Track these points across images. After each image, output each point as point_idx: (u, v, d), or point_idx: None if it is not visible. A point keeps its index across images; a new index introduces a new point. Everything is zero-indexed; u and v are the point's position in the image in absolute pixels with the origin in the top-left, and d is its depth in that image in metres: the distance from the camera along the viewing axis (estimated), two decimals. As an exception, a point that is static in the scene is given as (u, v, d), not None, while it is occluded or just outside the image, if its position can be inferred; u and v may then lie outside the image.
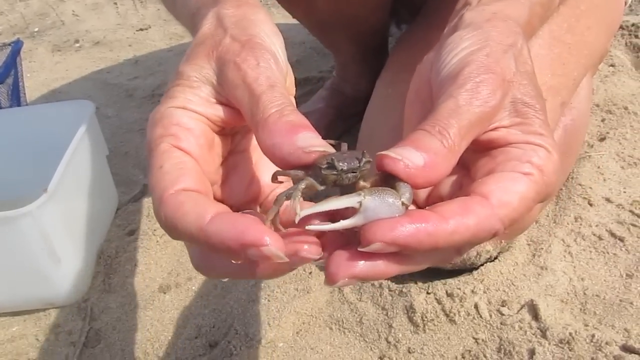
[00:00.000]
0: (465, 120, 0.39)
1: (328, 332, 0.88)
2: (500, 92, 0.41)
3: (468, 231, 0.35)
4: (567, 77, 0.88)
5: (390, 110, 0.92)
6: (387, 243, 0.34)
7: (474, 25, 0.45)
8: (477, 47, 0.43)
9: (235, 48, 0.44)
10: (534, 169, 0.39)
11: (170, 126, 0.41)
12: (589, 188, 1.05)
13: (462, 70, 0.41)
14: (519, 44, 0.44)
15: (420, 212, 0.36)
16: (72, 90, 1.78)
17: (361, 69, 1.24)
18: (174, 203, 0.37)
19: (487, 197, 0.37)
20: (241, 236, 0.34)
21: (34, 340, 0.97)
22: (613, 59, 1.41)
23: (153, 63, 1.86)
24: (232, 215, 0.36)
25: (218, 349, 0.88)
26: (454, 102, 0.39)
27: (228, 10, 0.48)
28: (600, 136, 1.18)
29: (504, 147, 0.41)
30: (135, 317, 0.97)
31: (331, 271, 0.35)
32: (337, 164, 0.37)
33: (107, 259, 1.08)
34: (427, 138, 0.37)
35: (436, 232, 0.34)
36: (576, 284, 0.89)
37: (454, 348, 0.83)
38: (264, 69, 0.42)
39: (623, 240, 0.95)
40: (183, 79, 0.45)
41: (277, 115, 0.39)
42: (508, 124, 0.42)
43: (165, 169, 0.39)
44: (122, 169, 1.34)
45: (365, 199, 0.35)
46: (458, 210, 0.35)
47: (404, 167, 0.36)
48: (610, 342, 0.79)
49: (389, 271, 0.36)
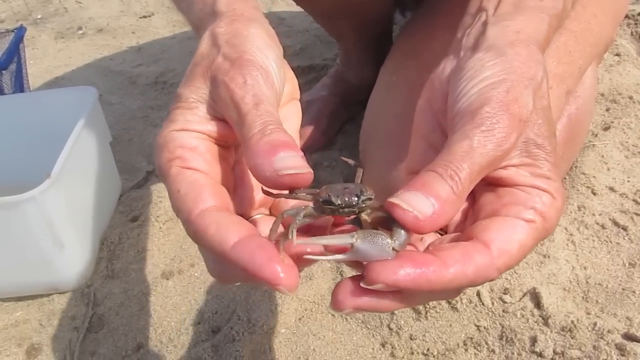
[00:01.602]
0: (477, 165, 0.39)
1: (330, 319, 0.89)
2: (515, 135, 0.41)
3: (466, 279, 0.37)
4: (573, 65, 0.87)
5: (394, 98, 0.92)
6: (389, 285, 0.35)
7: (497, 49, 0.45)
8: (498, 79, 0.43)
9: (225, 67, 0.45)
10: (536, 215, 0.40)
11: (175, 149, 0.43)
12: (593, 177, 1.04)
13: (480, 107, 0.41)
14: (540, 76, 0.44)
15: (423, 256, 0.37)
16: (75, 77, 1.78)
17: (365, 57, 1.23)
18: (202, 226, 0.39)
19: (488, 245, 0.38)
20: (259, 270, 0.36)
21: (38, 325, 0.97)
22: (618, 48, 1.40)
23: (156, 50, 1.86)
24: (252, 244, 0.37)
25: (220, 335, 0.88)
26: (469, 144, 0.40)
27: (221, 29, 0.49)
28: (604, 125, 1.17)
29: (511, 187, 0.42)
30: (139, 303, 0.97)
31: (339, 299, 0.37)
32: (334, 199, 0.39)
33: (111, 245, 1.09)
34: (438, 183, 0.38)
35: (436, 279, 0.36)
36: (579, 273, 0.89)
37: (456, 335, 0.83)
38: (250, 87, 0.43)
39: (626, 229, 0.95)
40: (182, 102, 0.47)
41: (259, 136, 0.40)
42: (517, 163, 0.43)
43: (183, 192, 0.41)
44: (126, 155, 1.34)
45: (357, 242, 0.37)
46: (459, 258, 0.37)
47: (413, 219, 0.37)
48: (612, 331, 0.79)
49: (391, 306, 0.38)
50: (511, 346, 0.80)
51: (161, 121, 1.46)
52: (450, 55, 0.49)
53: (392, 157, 0.83)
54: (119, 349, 0.91)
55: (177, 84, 1.62)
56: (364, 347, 0.84)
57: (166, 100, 1.56)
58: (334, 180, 1.15)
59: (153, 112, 1.52)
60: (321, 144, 1.22)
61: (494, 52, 0.44)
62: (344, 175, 1.17)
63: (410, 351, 0.82)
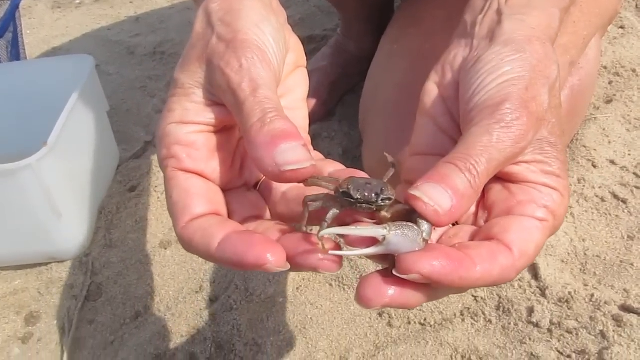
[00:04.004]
0: (495, 160, 0.39)
1: (328, 289, 0.89)
2: (532, 133, 0.41)
3: (490, 279, 0.38)
4: (577, 36, 0.86)
5: (395, 67, 0.91)
6: (424, 275, 0.35)
7: (516, 45, 0.44)
8: (518, 75, 0.42)
9: (220, 50, 0.44)
10: (549, 214, 0.42)
11: (171, 146, 0.43)
12: (594, 150, 1.04)
13: (501, 103, 0.41)
14: (554, 75, 0.45)
15: (455, 251, 0.37)
16: (72, 47, 1.76)
17: (366, 27, 1.21)
18: (187, 236, 0.40)
19: (510, 247, 0.39)
20: (244, 259, 0.37)
21: (36, 293, 0.97)
22: (623, 20, 1.38)
23: (155, 20, 1.83)
24: (234, 238, 0.38)
25: (218, 304, 0.89)
26: (488, 139, 0.40)
27: (215, 4, 0.47)
28: (606, 98, 1.16)
29: (523, 184, 0.43)
30: (137, 272, 0.98)
31: (368, 296, 0.37)
32: (354, 193, 0.38)
33: (109, 215, 1.08)
34: (457, 176, 0.38)
35: (467, 276, 0.36)
36: (577, 245, 0.89)
37: (453, 305, 0.83)
38: (247, 71, 0.42)
39: (626, 202, 0.94)
40: (179, 87, 0.46)
41: (259, 125, 0.39)
42: (529, 159, 0.44)
43: (174, 198, 0.42)
44: (124, 126, 1.33)
45: (389, 234, 0.36)
46: (486, 258, 0.38)
47: (434, 213, 0.37)
48: (610, 302, 0.79)
49: (418, 301, 0.38)
50: (508, 317, 0.81)
51: (159, 92, 1.45)
52: (462, 41, 0.48)
53: (393, 127, 0.82)
54: (117, 317, 0.91)
55: (175, 54, 1.60)
56: (361, 316, 0.85)
57: (164, 71, 1.54)
58: (332, 150, 1.15)
59: (151, 82, 1.50)
60: (321, 114, 1.21)
61: (512, 47, 0.44)
62: (343, 146, 1.16)
63: (407, 321, 0.83)
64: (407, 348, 0.80)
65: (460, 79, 0.45)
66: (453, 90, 0.46)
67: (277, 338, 0.84)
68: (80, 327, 0.91)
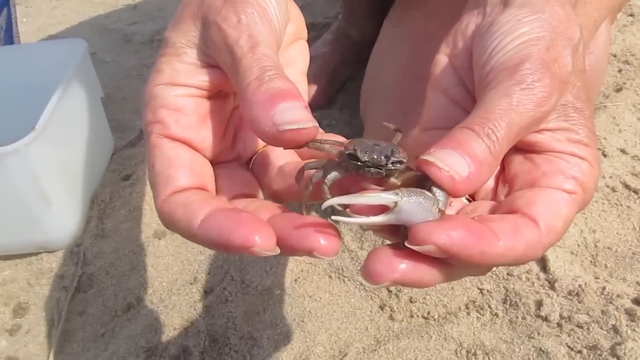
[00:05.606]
0: (515, 125, 0.35)
1: (327, 280, 0.86)
2: (556, 96, 0.37)
3: (514, 255, 0.33)
4: (589, 18, 0.83)
5: (397, 50, 0.87)
6: (440, 247, 0.31)
7: (533, 6, 0.40)
8: (537, 35, 0.38)
9: (217, 5, 0.40)
10: (577, 186, 0.38)
11: (158, 110, 0.39)
12: (604, 139, 1.00)
13: (520, 64, 0.37)
14: (577, 37, 0.40)
15: (474, 223, 0.33)
16: (69, 35, 1.72)
17: (368, 11, 1.18)
18: (168, 210, 0.37)
19: (536, 221, 0.35)
20: (229, 239, 0.33)
21: (26, 284, 0.94)
22: (632, 8, 1.35)
23: (152, 8, 1.80)
24: (222, 215, 0.35)
25: (213, 295, 0.85)
26: (507, 102, 0.35)
27: None
28: (616, 87, 1.13)
29: (548, 154, 0.40)
30: (129, 263, 0.94)
31: (377, 270, 0.32)
32: (361, 155, 0.34)
33: (101, 204, 1.05)
34: (475, 141, 0.34)
35: (488, 250, 0.32)
36: (587, 236, 0.85)
37: (458, 298, 0.80)
38: (245, 27, 0.38)
39: (637, 192, 0.91)
40: (169, 47, 0.42)
41: (257, 84, 0.36)
42: (554, 127, 0.40)
43: (157, 168, 0.38)
44: (119, 114, 1.30)
45: (402, 200, 0.32)
46: (510, 232, 0.34)
47: (449, 179, 0.33)
48: (622, 295, 0.76)
49: (432, 280, 0.34)
50: (515, 310, 0.77)
51: (156, 80, 1.41)
52: (474, 10, 0.45)
53: (395, 110, 0.79)
54: (108, 309, 0.88)
55: (173, 41, 1.57)
56: (361, 309, 0.81)
57: (162, 59, 1.51)
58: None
59: (148, 70, 1.46)
60: (321, 102, 1.18)
61: (529, 9, 0.40)
62: (343, 134, 1.12)
63: (409, 314, 0.79)
64: (410, 342, 0.76)
65: (473, 46, 0.41)
66: (466, 58, 0.42)
67: (274, 331, 0.80)
68: (70, 319, 0.88)
